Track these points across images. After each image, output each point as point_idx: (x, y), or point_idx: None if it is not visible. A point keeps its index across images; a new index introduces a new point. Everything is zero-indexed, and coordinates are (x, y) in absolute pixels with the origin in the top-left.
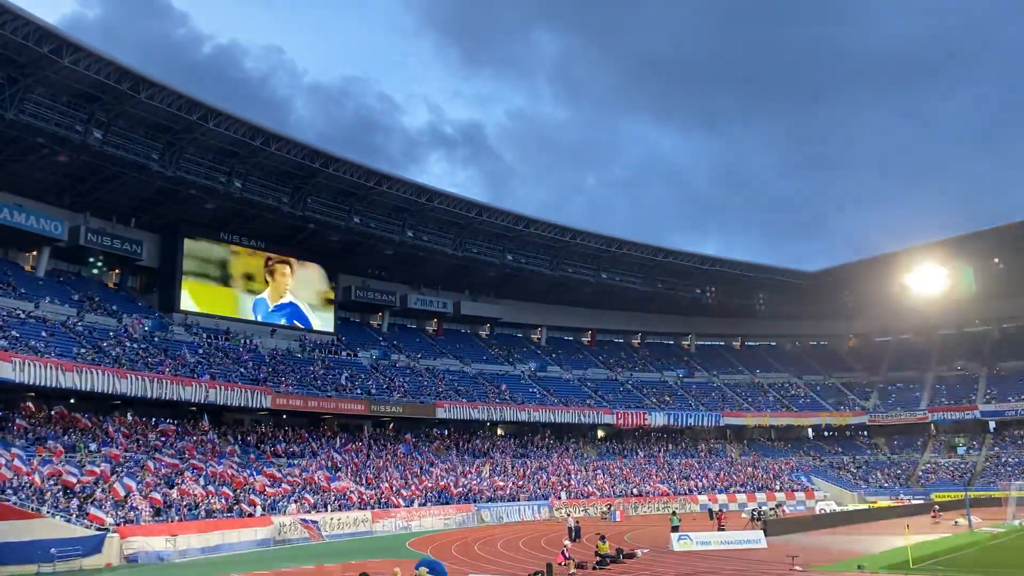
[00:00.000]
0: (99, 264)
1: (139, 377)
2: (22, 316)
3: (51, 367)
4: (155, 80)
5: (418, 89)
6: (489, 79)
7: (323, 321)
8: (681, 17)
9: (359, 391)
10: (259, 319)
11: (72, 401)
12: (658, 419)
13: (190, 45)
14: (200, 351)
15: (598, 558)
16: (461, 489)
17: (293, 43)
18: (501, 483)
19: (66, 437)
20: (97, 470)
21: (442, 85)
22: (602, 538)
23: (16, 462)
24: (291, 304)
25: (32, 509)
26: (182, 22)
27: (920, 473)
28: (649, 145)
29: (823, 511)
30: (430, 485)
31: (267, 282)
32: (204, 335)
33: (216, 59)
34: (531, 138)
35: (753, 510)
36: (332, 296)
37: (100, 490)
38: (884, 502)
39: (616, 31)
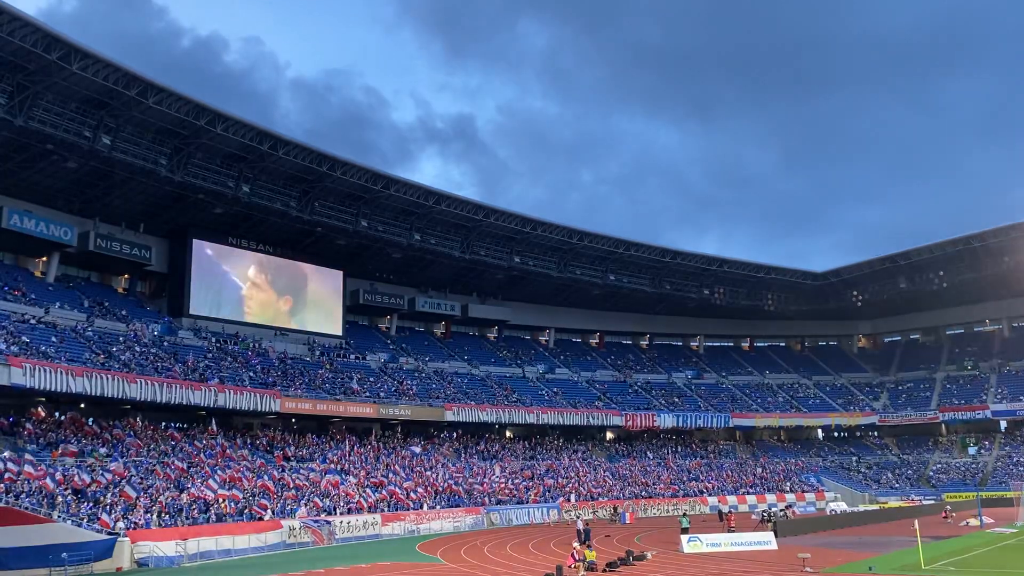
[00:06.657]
0: (108, 269)
1: (149, 381)
2: (32, 321)
3: (61, 372)
4: (163, 85)
5: (403, 83)
6: (476, 72)
7: (332, 325)
8: (673, 4)
9: (368, 394)
10: (272, 323)
11: (82, 406)
12: (667, 420)
13: (169, 39)
14: (209, 355)
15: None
16: (470, 492)
17: (273, 35)
18: (510, 486)
19: (77, 442)
20: (108, 475)
21: (427, 78)
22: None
23: (27, 467)
24: (306, 308)
25: (43, 514)
26: (160, 15)
27: (931, 473)
28: (644, 140)
29: (833, 512)
30: (439, 488)
31: (284, 286)
32: (213, 339)
33: (195, 53)
34: (524, 134)
35: (763, 511)
36: (341, 300)
37: (111, 495)
38: (895, 503)
39: (605, 20)
